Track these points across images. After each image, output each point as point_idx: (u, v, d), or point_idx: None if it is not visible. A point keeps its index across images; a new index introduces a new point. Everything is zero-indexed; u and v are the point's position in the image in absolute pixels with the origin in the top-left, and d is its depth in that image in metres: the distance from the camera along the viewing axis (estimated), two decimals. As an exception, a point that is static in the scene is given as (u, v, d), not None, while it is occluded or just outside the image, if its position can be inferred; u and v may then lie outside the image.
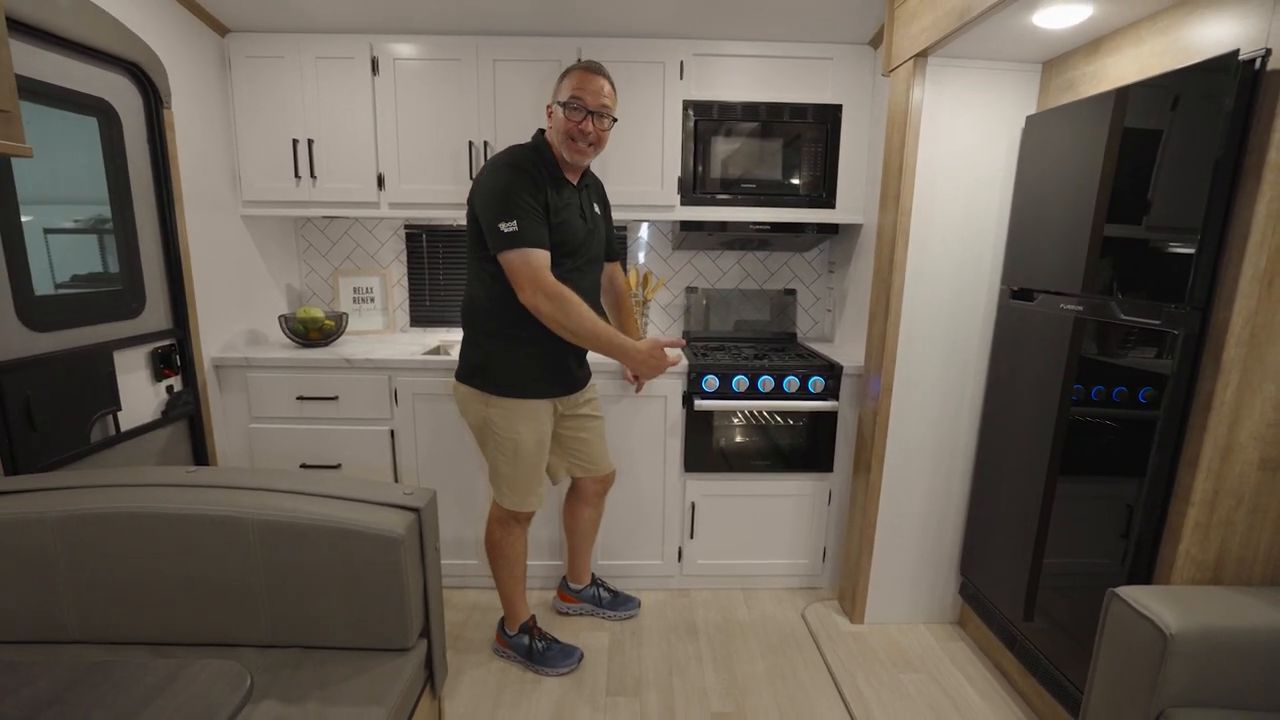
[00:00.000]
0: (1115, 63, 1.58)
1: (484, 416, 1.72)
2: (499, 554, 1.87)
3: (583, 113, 1.61)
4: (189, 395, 2.04)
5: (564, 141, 1.63)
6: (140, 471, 1.40)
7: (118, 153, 1.79)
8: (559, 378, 1.77)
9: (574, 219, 1.69)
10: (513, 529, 1.84)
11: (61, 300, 1.66)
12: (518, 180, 1.57)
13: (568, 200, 1.68)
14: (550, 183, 1.64)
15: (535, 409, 1.73)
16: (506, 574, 1.88)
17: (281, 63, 2.20)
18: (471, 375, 1.72)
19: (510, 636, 1.94)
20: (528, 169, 1.60)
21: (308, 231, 2.68)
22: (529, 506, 1.80)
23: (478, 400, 1.72)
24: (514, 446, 1.72)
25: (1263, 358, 1.22)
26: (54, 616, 1.29)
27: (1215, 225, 1.23)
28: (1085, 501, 1.59)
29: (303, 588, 1.30)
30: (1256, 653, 1.13)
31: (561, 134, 1.63)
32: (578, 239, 1.69)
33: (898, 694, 1.85)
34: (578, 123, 1.61)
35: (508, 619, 1.95)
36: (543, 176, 1.62)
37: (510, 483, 1.76)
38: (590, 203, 1.79)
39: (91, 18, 1.65)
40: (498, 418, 1.71)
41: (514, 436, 1.72)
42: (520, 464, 1.74)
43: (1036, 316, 1.73)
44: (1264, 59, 1.17)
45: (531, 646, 1.91)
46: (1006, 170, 1.88)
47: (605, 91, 1.63)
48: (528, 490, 1.78)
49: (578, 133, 1.62)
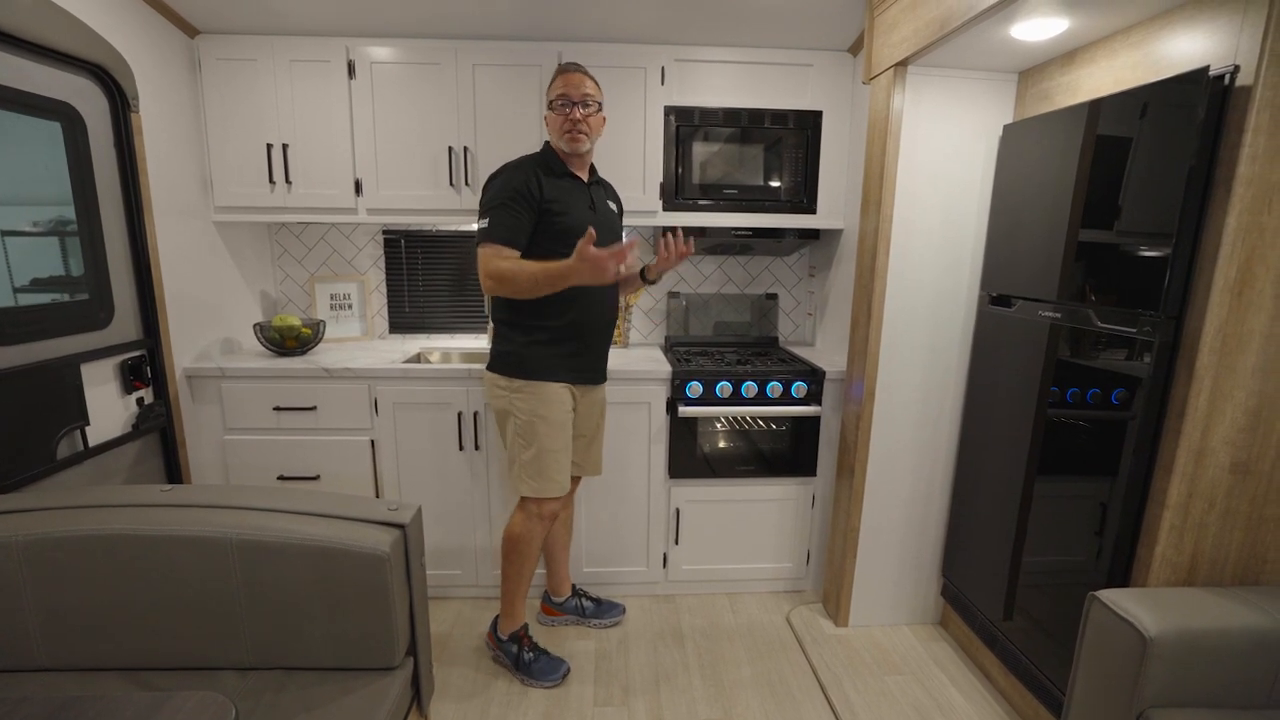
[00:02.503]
0: (1090, 74, 1.61)
1: (507, 401, 1.80)
2: (514, 550, 1.86)
3: (569, 105, 1.73)
4: (160, 407, 1.98)
5: (561, 136, 1.75)
6: (113, 491, 1.36)
7: (83, 158, 1.73)
8: (579, 364, 1.84)
9: (579, 208, 1.78)
10: (534, 525, 1.84)
11: (25, 312, 1.60)
12: (504, 180, 1.72)
13: (571, 190, 1.78)
14: (550, 175, 1.75)
15: (556, 392, 1.80)
16: (516, 572, 1.88)
17: (254, 65, 2.15)
18: (496, 363, 1.82)
19: (502, 641, 1.93)
20: (522, 166, 1.74)
21: (282, 237, 2.63)
22: (549, 492, 1.80)
23: (502, 386, 1.80)
24: (532, 428, 1.78)
25: (1233, 365, 1.25)
26: (20, 644, 1.24)
27: (1189, 234, 1.27)
28: (1062, 501, 1.62)
29: (285, 608, 1.26)
30: (1231, 653, 1.17)
31: (557, 131, 1.76)
32: (581, 224, 1.67)
33: (883, 696, 1.87)
34: (567, 114, 1.73)
35: (503, 620, 1.94)
36: (542, 172, 1.74)
37: (529, 468, 1.79)
38: (604, 198, 1.90)
39: (53, 19, 1.59)
40: (519, 401, 1.78)
41: (533, 418, 1.77)
42: (540, 445, 1.78)
43: (1015, 323, 1.77)
44: (1233, 75, 1.20)
45: (520, 656, 1.90)
46: (984, 178, 1.91)
47: (586, 85, 1.75)
48: (548, 475, 1.80)
49: (569, 124, 1.73)
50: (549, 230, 1.73)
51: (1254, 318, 1.23)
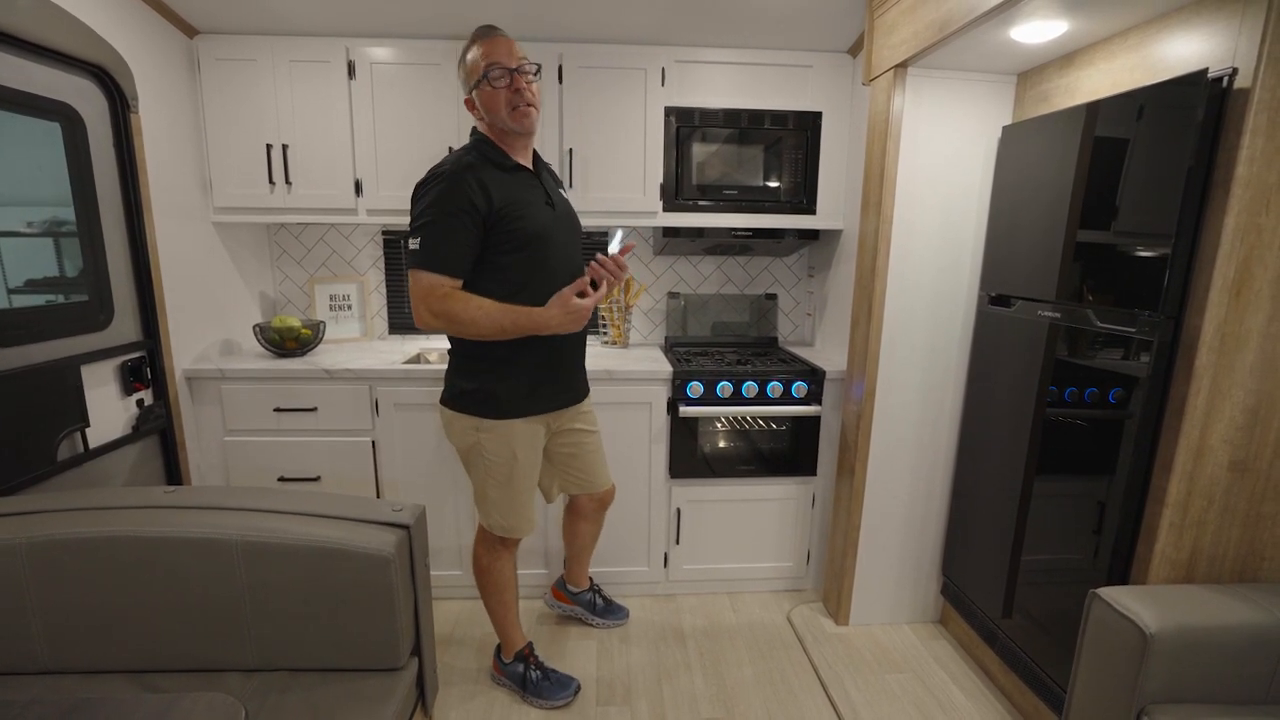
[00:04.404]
0: (1088, 76, 1.62)
1: (474, 441, 1.63)
2: (487, 581, 1.78)
3: (507, 74, 1.47)
4: (160, 409, 1.97)
5: (507, 114, 1.50)
6: (116, 493, 1.36)
7: (82, 159, 1.72)
8: (551, 393, 1.68)
9: (537, 209, 1.56)
10: (500, 554, 1.76)
11: (25, 314, 1.59)
12: (439, 192, 1.44)
13: (524, 186, 1.55)
14: (501, 176, 1.51)
15: (529, 428, 1.65)
16: (496, 601, 1.80)
17: (254, 66, 2.14)
18: (459, 400, 1.63)
19: (506, 665, 1.86)
20: (460, 172, 1.45)
21: (282, 238, 2.62)
22: (520, 532, 1.72)
23: (467, 425, 1.62)
24: (507, 470, 1.64)
25: (1231, 364, 1.27)
26: (23, 647, 1.23)
27: (1188, 233, 1.28)
28: (1061, 499, 1.63)
29: (290, 610, 1.26)
30: (1230, 649, 1.18)
31: (502, 109, 1.49)
32: (544, 227, 1.56)
33: (884, 695, 1.88)
34: (508, 86, 1.48)
35: (503, 646, 1.87)
36: (483, 173, 1.48)
37: (500, 507, 1.68)
38: (556, 188, 1.68)
39: (53, 19, 1.59)
40: (489, 441, 1.62)
41: (507, 459, 1.64)
42: (512, 487, 1.67)
43: (1014, 322, 1.78)
44: (1231, 78, 1.21)
45: (526, 676, 1.83)
46: (984, 179, 1.92)
47: (515, 48, 1.51)
48: (519, 514, 1.70)
49: (515, 98, 1.48)
50: (507, 241, 1.49)
51: (1252, 317, 1.24)
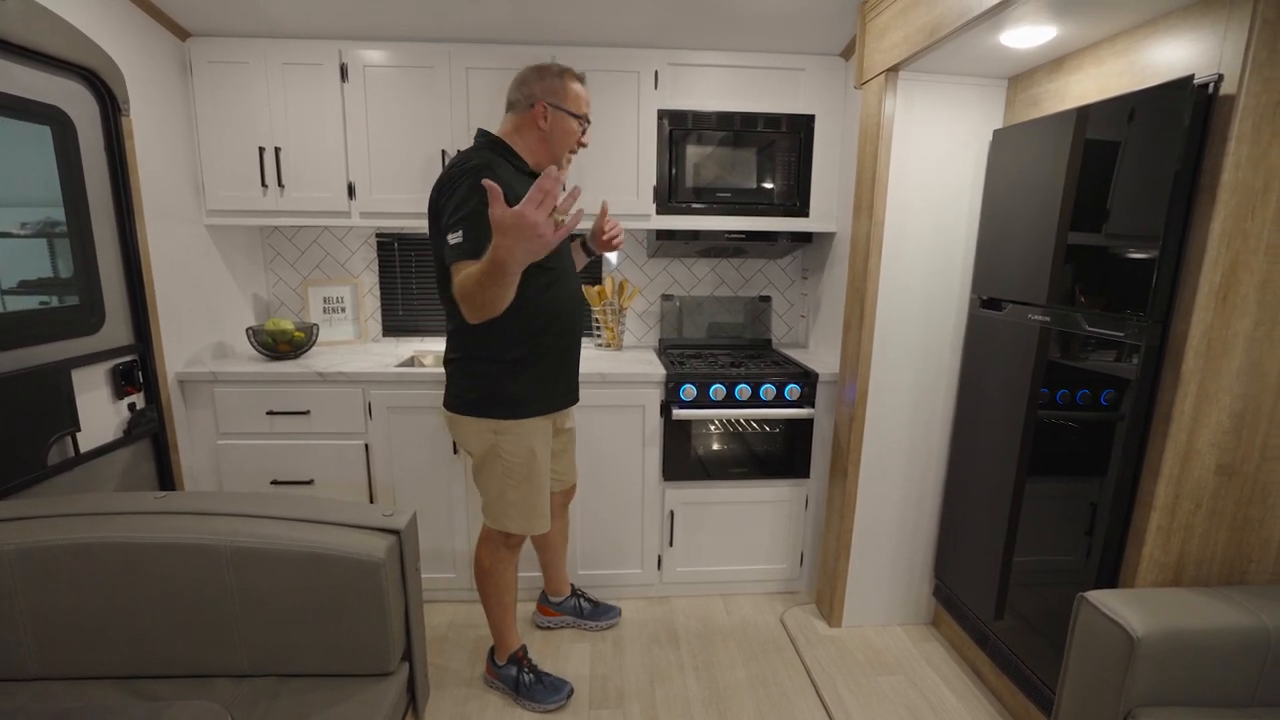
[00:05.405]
0: (1077, 80, 1.63)
1: (492, 444, 1.64)
2: (489, 582, 1.80)
3: (586, 125, 1.66)
4: (152, 413, 1.97)
5: (564, 152, 1.65)
6: (105, 498, 1.35)
7: (73, 162, 1.71)
8: (561, 390, 1.74)
9: None
10: (504, 557, 1.77)
11: (15, 318, 1.59)
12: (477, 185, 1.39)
13: None
14: (517, 176, 1.56)
15: (544, 425, 1.70)
16: (496, 602, 1.81)
17: (246, 69, 2.14)
18: (472, 405, 1.63)
19: (499, 667, 1.87)
20: (491, 169, 1.47)
21: (275, 240, 2.61)
22: (539, 529, 1.73)
23: (484, 429, 1.63)
24: (526, 468, 1.67)
25: (1218, 369, 1.27)
26: (11, 653, 1.23)
27: (1175, 237, 1.29)
28: (1052, 501, 1.64)
29: (280, 615, 1.26)
30: (1217, 652, 1.19)
31: (565, 146, 1.64)
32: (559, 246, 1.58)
33: (876, 697, 1.88)
34: (580, 135, 1.66)
35: (497, 648, 1.88)
36: (506, 173, 1.52)
37: (520, 507, 1.69)
38: None
39: (43, 22, 1.58)
40: (507, 442, 1.64)
41: (526, 458, 1.66)
42: (532, 484, 1.69)
43: (1005, 325, 1.78)
44: (1217, 84, 1.22)
45: (519, 679, 1.84)
46: (975, 182, 1.93)
47: None
48: (538, 511, 1.72)
49: (577, 146, 1.67)
50: None
51: (1238, 322, 1.25)
